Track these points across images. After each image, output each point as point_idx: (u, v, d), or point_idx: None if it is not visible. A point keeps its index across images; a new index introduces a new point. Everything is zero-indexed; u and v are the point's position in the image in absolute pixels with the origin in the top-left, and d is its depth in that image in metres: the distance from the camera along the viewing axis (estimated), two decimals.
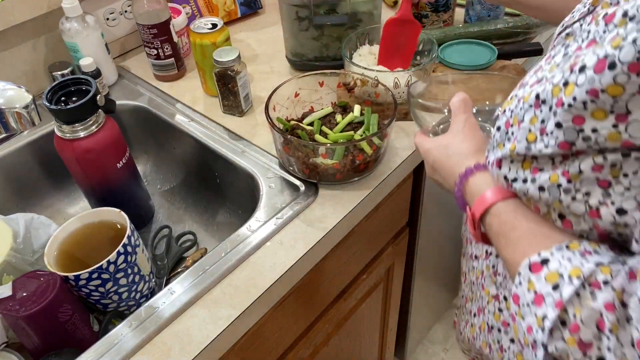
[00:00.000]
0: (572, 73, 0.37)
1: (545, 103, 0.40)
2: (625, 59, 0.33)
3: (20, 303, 0.58)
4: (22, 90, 0.64)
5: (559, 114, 0.38)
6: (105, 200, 0.79)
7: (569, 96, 0.37)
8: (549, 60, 0.46)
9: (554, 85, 0.39)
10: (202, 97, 0.96)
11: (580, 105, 0.36)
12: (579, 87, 0.36)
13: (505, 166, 0.46)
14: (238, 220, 0.90)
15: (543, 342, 0.39)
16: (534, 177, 0.43)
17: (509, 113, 0.46)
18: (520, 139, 0.43)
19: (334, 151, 0.71)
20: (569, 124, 0.38)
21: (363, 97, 0.83)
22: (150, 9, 0.91)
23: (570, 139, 0.38)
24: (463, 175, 0.53)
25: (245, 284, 0.64)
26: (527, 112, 0.43)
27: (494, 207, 0.48)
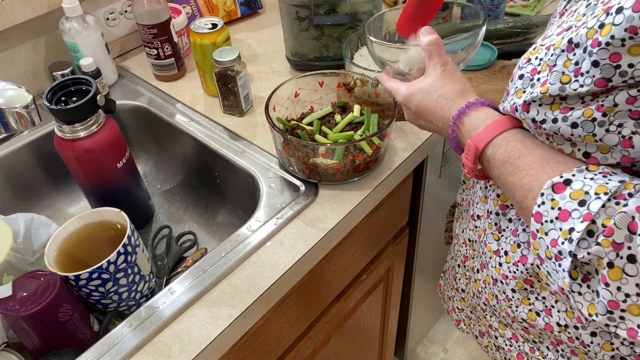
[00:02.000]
0: (608, 15, 0.39)
1: (579, 46, 0.42)
2: None
3: (20, 303, 0.58)
4: (22, 90, 0.64)
5: (596, 53, 0.40)
6: (105, 200, 0.79)
7: (605, 36, 0.39)
8: (571, 14, 0.47)
9: (589, 28, 0.41)
10: (202, 97, 0.96)
11: (619, 42, 0.38)
12: (617, 26, 0.38)
13: (533, 109, 0.47)
14: (238, 220, 0.90)
15: (571, 251, 0.41)
16: (565, 115, 0.44)
17: (537, 61, 0.48)
18: (553, 81, 0.44)
19: (334, 151, 0.71)
20: (606, 61, 0.39)
21: (363, 97, 0.83)
22: (150, 9, 0.91)
23: (607, 76, 0.40)
24: (456, 115, 0.54)
25: (245, 284, 0.64)
26: (559, 57, 0.44)
27: (499, 137, 0.50)
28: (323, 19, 0.89)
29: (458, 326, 0.86)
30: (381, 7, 0.92)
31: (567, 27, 0.46)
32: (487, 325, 0.73)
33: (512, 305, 0.62)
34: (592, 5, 0.44)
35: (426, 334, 1.61)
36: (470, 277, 0.73)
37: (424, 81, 0.59)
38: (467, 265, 0.73)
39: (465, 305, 0.80)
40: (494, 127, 0.51)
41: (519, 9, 1.13)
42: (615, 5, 0.39)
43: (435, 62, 0.58)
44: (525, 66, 0.50)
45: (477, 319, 0.77)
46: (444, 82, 0.57)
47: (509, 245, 0.59)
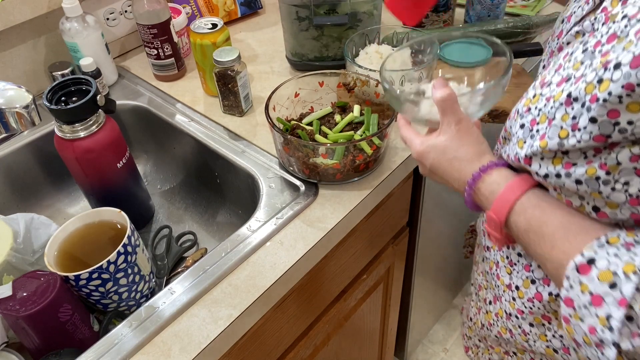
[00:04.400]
0: (606, 70, 0.39)
1: (577, 100, 0.41)
2: None
3: (20, 303, 0.58)
4: (22, 90, 0.64)
5: (594, 109, 0.39)
6: (105, 200, 0.79)
7: (603, 92, 0.38)
8: (568, 58, 0.47)
9: (588, 83, 0.40)
10: (202, 97, 0.96)
11: (616, 99, 0.38)
12: (614, 82, 0.38)
13: (535, 163, 0.47)
14: (238, 220, 0.90)
15: (614, 341, 0.39)
16: (568, 171, 0.44)
17: (536, 111, 0.47)
18: (551, 135, 0.44)
19: (334, 151, 0.71)
20: (604, 118, 0.39)
21: (363, 97, 0.83)
22: (151, 9, 0.91)
23: (605, 132, 0.40)
24: (471, 181, 0.53)
25: (245, 284, 0.64)
26: (558, 110, 0.44)
27: (517, 204, 0.49)
28: (323, 19, 0.89)
29: (467, 353, 0.86)
30: (381, 6, 0.92)
31: (566, 76, 0.45)
32: (502, 352, 0.72)
33: (529, 339, 0.61)
34: (590, 53, 0.43)
35: (426, 334, 1.61)
36: (481, 308, 0.72)
37: (438, 138, 0.56)
38: (480, 295, 0.72)
39: (473, 334, 0.80)
40: (510, 193, 0.50)
41: (519, 9, 1.13)
42: (614, 60, 0.39)
43: (450, 120, 0.55)
44: (525, 115, 0.49)
45: (486, 348, 0.76)
46: (459, 143, 0.55)
47: (520, 280, 0.58)
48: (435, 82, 0.56)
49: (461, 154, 0.55)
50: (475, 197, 0.54)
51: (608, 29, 0.43)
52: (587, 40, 0.45)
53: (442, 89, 0.54)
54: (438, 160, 0.56)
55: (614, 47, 0.40)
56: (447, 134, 0.56)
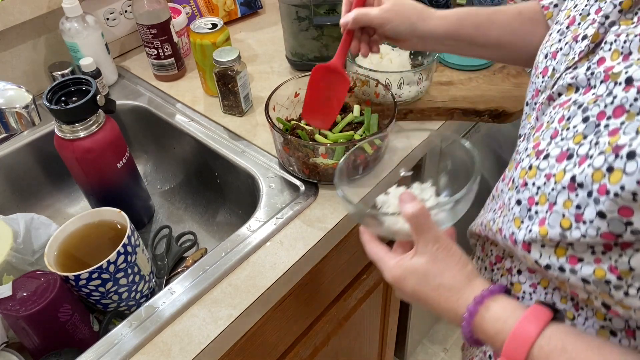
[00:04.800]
0: (617, 157, 0.34)
1: (582, 187, 0.37)
2: None
3: (20, 303, 0.58)
4: (22, 90, 0.64)
5: (602, 202, 0.35)
6: (105, 200, 0.79)
7: (615, 184, 0.34)
8: (565, 124, 0.42)
9: (595, 169, 0.36)
10: (202, 97, 0.96)
11: (629, 196, 0.33)
12: (628, 175, 0.33)
13: (535, 250, 0.42)
14: (238, 220, 0.90)
15: None
16: (574, 267, 0.39)
17: (534, 189, 0.43)
18: (552, 223, 0.40)
19: (334, 151, 0.71)
20: (614, 214, 0.35)
21: (363, 97, 0.83)
22: (150, 9, 0.91)
23: (616, 231, 0.35)
24: (468, 316, 0.46)
25: (245, 284, 0.64)
26: (560, 193, 0.39)
27: (535, 348, 0.41)
28: (323, 19, 0.89)
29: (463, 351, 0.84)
30: None
31: (566, 150, 0.40)
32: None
33: None
34: (593, 125, 0.39)
35: (426, 334, 1.61)
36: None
37: (416, 260, 0.49)
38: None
39: None
40: (524, 335, 0.42)
41: None
42: (627, 145, 0.34)
43: (426, 239, 0.48)
44: (522, 190, 0.45)
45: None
46: (441, 267, 0.48)
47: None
48: (403, 195, 0.50)
49: (447, 281, 0.48)
50: (475, 334, 0.47)
51: (612, 96, 0.38)
52: (586, 104, 0.41)
53: (411, 203, 0.48)
54: (420, 287, 0.49)
55: (625, 127, 0.36)
56: (425, 256, 0.49)
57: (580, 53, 0.45)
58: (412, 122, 0.86)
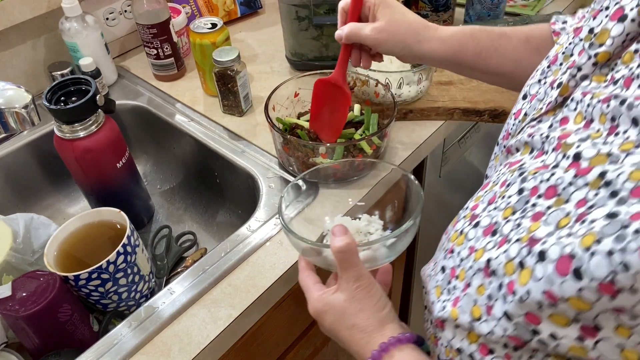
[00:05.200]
0: (529, 254, 0.31)
1: (495, 275, 0.34)
2: (596, 273, 0.26)
3: (20, 303, 0.58)
4: (21, 90, 0.64)
5: (509, 302, 0.31)
6: (105, 200, 0.79)
7: (523, 286, 0.30)
8: (503, 191, 0.39)
9: (509, 259, 0.32)
10: (202, 97, 0.96)
11: (535, 305, 0.30)
12: (535, 281, 0.30)
13: (448, 330, 0.40)
14: (238, 220, 0.89)
15: None
16: (484, 359, 0.36)
17: (458, 259, 0.40)
18: (464, 307, 0.37)
19: (334, 151, 0.71)
20: (521, 319, 0.31)
21: (363, 97, 0.83)
22: (150, 8, 0.91)
23: (523, 337, 0.32)
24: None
25: (245, 284, 0.64)
26: (476, 275, 0.36)
27: None
28: (323, 19, 0.89)
29: None
30: None
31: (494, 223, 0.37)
32: None
33: None
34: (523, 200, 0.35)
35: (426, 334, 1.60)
36: None
37: (336, 296, 0.49)
38: None
39: None
40: None
41: (519, 9, 1.13)
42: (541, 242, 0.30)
43: (349, 276, 0.47)
44: (448, 257, 0.41)
45: None
46: (358, 307, 0.47)
47: None
48: (335, 229, 0.48)
49: (360, 322, 0.47)
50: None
51: (551, 171, 0.34)
52: (527, 173, 0.37)
53: (341, 237, 0.47)
54: (337, 324, 0.49)
55: (549, 214, 0.32)
56: (345, 293, 0.48)
57: (549, 104, 0.41)
58: (412, 122, 0.86)
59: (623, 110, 0.32)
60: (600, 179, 0.30)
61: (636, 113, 0.30)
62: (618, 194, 0.28)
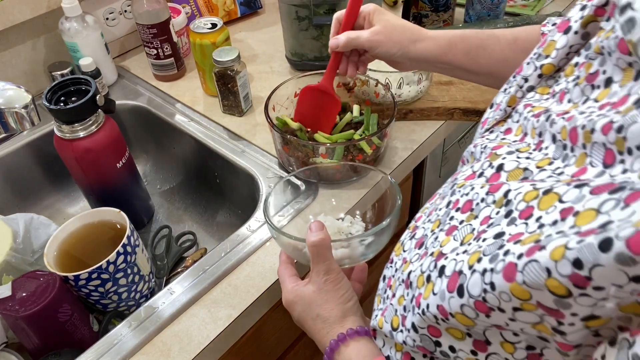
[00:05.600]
0: (435, 269, 0.32)
1: (411, 287, 0.34)
2: (472, 291, 0.27)
3: (20, 303, 0.58)
4: (21, 90, 0.64)
5: (416, 314, 0.32)
6: (105, 200, 0.79)
7: (425, 299, 0.31)
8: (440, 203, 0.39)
9: (421, 273, 0.33)
10: (202, 97, 0.96)
11: (432, 318, 0.31)
12: (434, 295, 0.30)
13: (379, 338, 0.41)
14: (238, 220, 0.89)
15: None
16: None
17: (393, 270, 0.41)
18: (387, 317, 0.38)
19: (334, 151, 0.71)
20: (424, 331, 0.32)
21: (362, 97, 0.82)
22: (150, 8, 0.91)
23: (428, 348, 0.33)
24: (329, 350, 0.48)
25: (245, 284, 0.64)
26: (400, 286, 0.37)
27: None
28: (323, 19, 0.89)
29: None
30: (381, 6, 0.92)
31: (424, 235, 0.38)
32: None
33: None
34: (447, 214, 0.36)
35: None
36: None
37: (306, 287, 0.52)
38: None
39: None
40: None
41: (519, 9, 1.13)
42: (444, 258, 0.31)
43: (320, 269, 0.50)
44: (388, 266, 0.42)
45: None
46: (324, 298, 0.50)
47: None
48: (312, 224, 0.51)
49: (324, 313, 0.50)
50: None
51: (471, 185, 0.35)
52: (456, 186, 0.37)
53: (317, 232, 0.50)
54: (304, 313, 0.52)
55: (460, 229, 0.33)
56: (315, 285, 0.51)
57: (499, 112, 0.42)
58: (412, 122, 0.86)
59: (547, 126, 0.32)
60: (503, 198, 0.30)
61: (555, 130, 0.31)
62: (511, 214, 0.29)
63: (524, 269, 0.24)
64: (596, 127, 0.27)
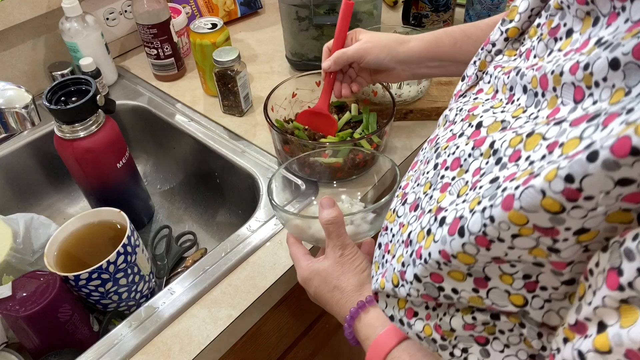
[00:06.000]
0: (435, 221, 0.34)
1: (411, 245, 0.36)
2: (473, 229, 0.29)
3: (20, 303, 0.58)
4: (22, 90, 0.64)
5: (417, 266, 0.35)
6: (105, 200, 0.79)
7: (426, 249, 0.33)
8: (425, 168, 0.41)
9: (421, 228, 0.36)
10: (202, 97, 0.96)
11: (435, 264, 0.33)
12: (435, 243, 0.33)
13: (382, 300, 0.42)
14: (238, 220, 0.89)
15: None
16: (409, 322, 0.39)
17: (390, 235, 0.42)
18: (388, 277, 0.39)
19: (339, 151, 0.71)
20: (427, 279, 0.34)
21: (362, 96, 0.83)
22: (150, 8, 0.91)
23: (432, 295, 0.35)
24: (349, 319, 0.50)
25: (245, 284, 0.64)
26: (399, 247, 0.39)
27: (388, 357, 0.45)
28: (323, 19, 0.89)
29: None
30: (381, 6, 0.92)
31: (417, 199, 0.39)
32: None
33: None
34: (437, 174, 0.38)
35: None
36: None
37: (322, 263, 0.53)
38: None
39: None
40: (384, 342, 0.46)
41: None
42: (443, 210, 0.33)
43: (334, 244, 0.52)
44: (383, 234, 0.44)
45: None
46: (340, 271, 0.52)
47: None
48: (322, 200, 0.53)
49: (342, 284, 0.51)
50: (355, 334, 0.50)
51: (456, 143, 0.37)
52: (440, 148, 0.40)
53: (329, 209, 0.52)
54: (321, 288, 0.53)
55: (453, 184, 0.35)
56: (330, 260, 0.53)
57: (470, 80, 0.44)
58: (412, 122, 0.86)
59: (517, 80, 0.35)
60: (490, 149, 0.33)
61: (525, 81, 0.34)
62: (501, 161, 0.31)
63: (521, 196, 0.26)
64: (564, 69, 0.30)
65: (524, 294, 0.31)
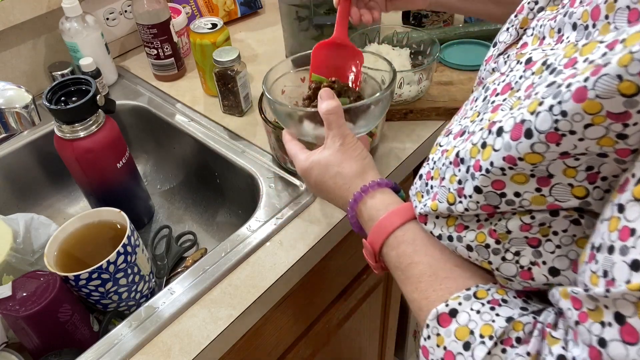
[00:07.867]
0: (490, 134, 0.35)
1: (463, 163, 0.38)
2: (542, 128, 0.31)
3: (20, 303, 0.58)
4: (22, 90, 0.64)
5: (477, 178, 0.36)
6: (105, 200, 0.79)
7: (486, 160, 0.35)
8: (473, 105, 0.43)
9: (473, 145, 0.37)
10: (202, 97, 0.96)
11: (498, 171, 0.34)
12: (496, 152, 0.34)
13: (430, 222, 0.43)
14: (238, 220, 0.89)
15: None
16: (460, 235, 0.40)
17: (432, 163, 0.44)
18: (441, 198, 0.40)
19: None
20: (489, 188, 0.36)
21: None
22: (150, 8, 0.91)
23: (492, 203, 0.36)
24: (353, 202, 0.50)
25: (245, 284, 0.64)
26: (447, 169, 0.40)
27: (391, 237, 0.46)
28: (323, 19, 0.89)
29: None
30: None
31: (463, 128, 0.41)
32: None
33: None
34: (486, 104, 0.40)
35: None
36: None
37: (322, 153, 0.54)
38: None
39: None
40: (387, 224, 0.47)
41: None
42: (498, 122, 0.35)
43: (334, 134, 0.53)
44: (424, 166, 0.45)
45: None
46: (342, 158, 0.52)
47: None
48: (322, 92, 0.53)
49: (344, 170, 0.52)
50: (359, 218, 0.51)
51: (506, 74, 0.39)
52: (488, 84, 0.42)
53: (329, 100, 0.52)
54: (322, 176, 0.53)
55: (506, 102, 0.37)
56: (331, 149, 0.53)
57: (510, 39, 0.46)
58: (412, 122, 0.86)
59: (566, 20, 0.36)
60: (543, 65, 0.34)
61: (575, 18, 0.35)
62: (555, 70, 0.33)
63: (595, 85, 0.27)
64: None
65: (586, 185, 0.33)
